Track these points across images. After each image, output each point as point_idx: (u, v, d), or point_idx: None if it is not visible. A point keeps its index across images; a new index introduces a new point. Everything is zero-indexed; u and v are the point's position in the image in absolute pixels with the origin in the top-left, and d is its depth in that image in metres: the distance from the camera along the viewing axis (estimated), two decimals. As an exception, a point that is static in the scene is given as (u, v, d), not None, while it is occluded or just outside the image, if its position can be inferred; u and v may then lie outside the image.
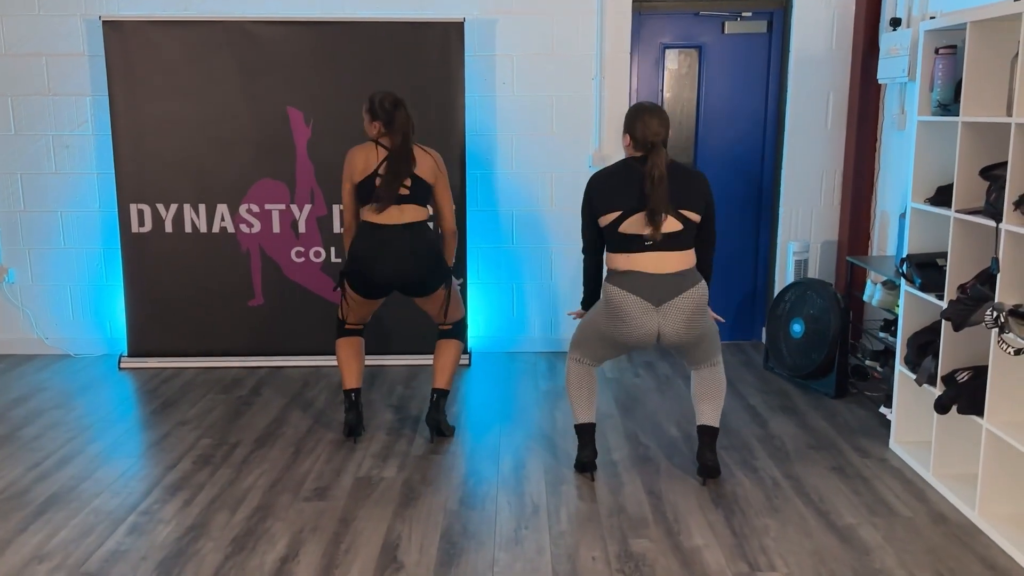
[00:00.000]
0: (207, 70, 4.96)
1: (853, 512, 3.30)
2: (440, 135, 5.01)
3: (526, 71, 5.18)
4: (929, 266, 3.62)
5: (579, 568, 2.90)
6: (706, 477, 3.53)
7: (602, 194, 3.35)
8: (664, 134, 3.33)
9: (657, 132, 3.30)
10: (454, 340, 4.03)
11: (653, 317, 3.28)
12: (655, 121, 3.31)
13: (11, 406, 4.49)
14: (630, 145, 3.37)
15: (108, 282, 5.37)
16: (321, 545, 3.06)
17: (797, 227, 5.37)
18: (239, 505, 3.36)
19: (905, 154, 4.72)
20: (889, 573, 2.87)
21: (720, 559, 2.96)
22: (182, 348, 5.19)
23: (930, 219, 3.69)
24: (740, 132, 5.42)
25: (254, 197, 5.10)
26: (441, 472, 3.68)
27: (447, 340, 4.02)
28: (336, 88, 4.99)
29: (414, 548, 3.04)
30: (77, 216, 5.30)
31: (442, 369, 3.98)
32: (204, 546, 3.05)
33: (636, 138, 3.33)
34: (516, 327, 5.47)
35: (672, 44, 5.34)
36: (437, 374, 3.98)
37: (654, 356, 5.32)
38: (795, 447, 3.93)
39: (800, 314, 4.75)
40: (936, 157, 3.64)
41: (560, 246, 5.37)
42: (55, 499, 3.42)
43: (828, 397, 4.57)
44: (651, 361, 5.24)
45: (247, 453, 3.87)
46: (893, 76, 4.61)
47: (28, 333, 5.44)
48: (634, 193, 3.28)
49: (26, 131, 5.21)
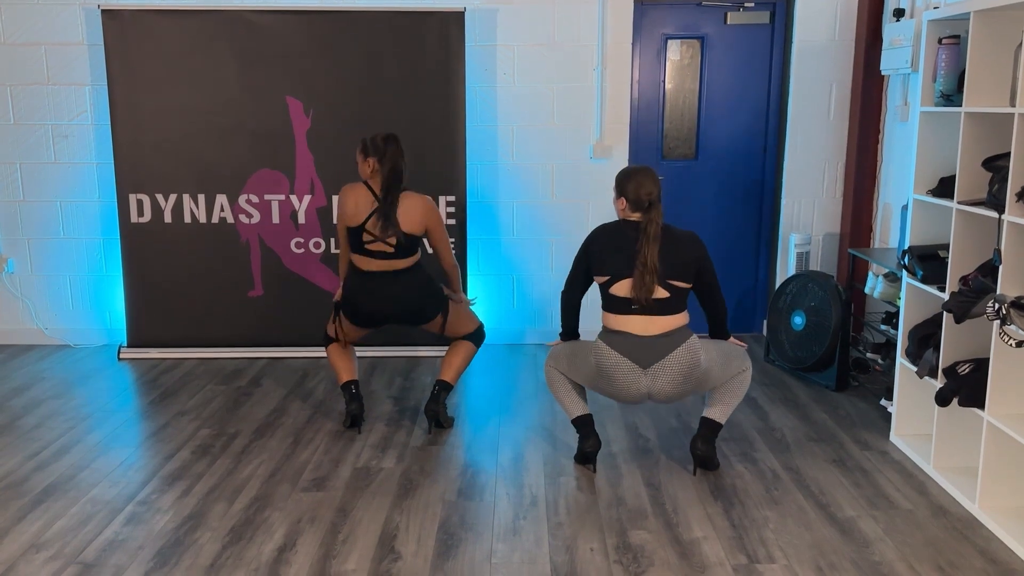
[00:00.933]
0: (206, 59, 4.94)
1: (853, 504, 3.29)
2: (440, 126, 4.99)
3: (527, 61, 5.16)
4: (931, 258, 3.60)
5: (577, 559, 2.90)
6: (697, 467, 3.53)
7: (599, 253, 3.44)
8: (657, 193, 3.37)
9: (651, 191, 3.37)
10: (468, 342, 4.03)
11: (641, 379, 3.34)
12: (648, 181, 3.38)
13: (10, 395, 4.49)
14: (625, 208, 3.41)
15: (108, 272, 5.36)
16: (319, 535, 3.05)
17: (799, 219, 5.35)
18: (237, 495, 3.35)
19: (908, 146, 4.69)
20: (889, 566, 2.86)
21: (719, 551, 2.95)
22: (182, 339, 5.18)
23: (932, 210, 3.67)
24: (742, 123, 5.39)
25: (253, 187, 5.08)
26: (440, 463, 3.67)
27: (462, 341, 4.03)
28: (336, 78, 4.97)
29: (412, 539, 3.04)
30: (76, 206, 5.29)
31: (450, 364, 3.98)
32: (202, 536, 3.04)
33: (630, 199, 3.39)
34: (516, 319, 5.46)
35: (674, 35, 5.31)
36: (444, 368, 3.98)
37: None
38: (795, 439, 3.91)
39: (801, 306, 4.73)
40: (939, 148, 3.62)
41: (560, 238, 5.35)
42: (53, 488, 3.41)
43: (829, 390, 4.56)
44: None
45: (246, 443, 3.86)
46: (896, 67, 4.58)
47: (27, 323, 5.43)
48: (624, 258, 3.35)
49: (25, 121, 5.19)
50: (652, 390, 3.35)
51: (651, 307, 3.32)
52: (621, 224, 3.43)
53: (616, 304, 3.38)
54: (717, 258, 5.52)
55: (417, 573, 2.81)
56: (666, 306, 3.34)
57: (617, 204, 3.45)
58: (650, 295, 3.30)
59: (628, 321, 3.35)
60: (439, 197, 5.08)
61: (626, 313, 3.35)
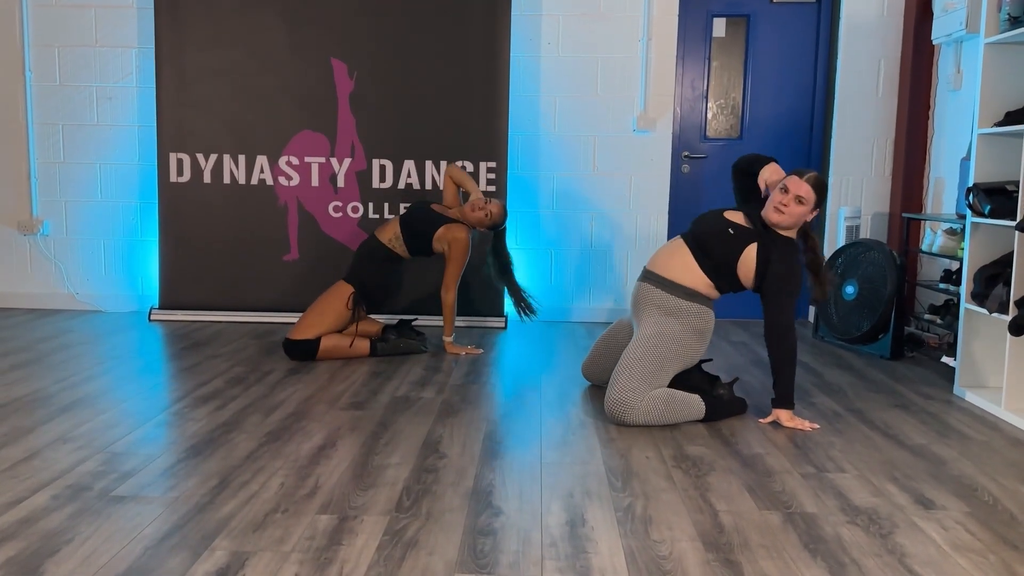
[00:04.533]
0: (254, 20, 4.96)
1: (923, 435, 3.09)
2: (483, 93, 4.95)
3: (572, 31, 5.14)
4: (998, 192, 3.46)
5: (633, 464, 2.72)
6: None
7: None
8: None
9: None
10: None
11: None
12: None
13: (37, 342, 4.39)
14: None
15: (143, 237, 5.30)
16: (360, 439, 2.89)
17: (847, 199, 5.22)
18: (273, 411, 3.21)
19: (961, 116, 4.59)
20: (971, 479, 2.65)
21: (784, 462, 2.76)
22: (214, 302, 5.08)
23: (998, 146, 3.54)
24: (787, 103, 5.32)
25: (294, 149, 5.04)
26: (481, 396, 3.51)
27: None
28: (381, 41, 4.96)
29: (456, 444, 2.87)
30: (115, 168, 5.26)
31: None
32: (237, 437, 2.90)
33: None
34: (554, 295, 5.33)
35: (720, 12, 5.29)
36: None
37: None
38: (854, 392, 3.72)
39: (854, 275, 4.57)
40: (1004, 80, 3.51)
41: (601, 212, 5.25)
42: (81, 401, 3.28)
43: (883, 359, 4.37)
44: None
45: (280, 377, 3.73)
46: (949, 33, 4.51)
47: (59, 288, 5.36)
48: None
49: (70, 82, 5.21)
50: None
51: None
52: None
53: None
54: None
55: (465, 468, 2.64)
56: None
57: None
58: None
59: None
60: (480, 163, 5.01)
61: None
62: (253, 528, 2.16)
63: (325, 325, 4.01)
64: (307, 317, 4.03)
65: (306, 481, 2.49)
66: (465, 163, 5.00)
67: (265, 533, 2.14)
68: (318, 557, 2.02)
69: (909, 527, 2.26)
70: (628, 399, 3.05)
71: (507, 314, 5.14)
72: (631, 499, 2.41)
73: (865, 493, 2.50)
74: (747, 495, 2.46)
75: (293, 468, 2.59)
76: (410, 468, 2.62)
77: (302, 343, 3.97)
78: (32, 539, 2.08)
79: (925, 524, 2.29)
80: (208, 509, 2.27)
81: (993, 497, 2.50)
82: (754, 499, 2.43)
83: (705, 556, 2.07)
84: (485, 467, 2.65)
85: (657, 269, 3.28)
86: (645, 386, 3.07)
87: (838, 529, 2.24)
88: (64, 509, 2.25)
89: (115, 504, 2.29)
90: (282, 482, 2.48)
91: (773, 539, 2.17)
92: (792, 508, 2.37)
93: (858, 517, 2.32)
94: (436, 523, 2.22)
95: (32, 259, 5.35)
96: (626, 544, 2.12)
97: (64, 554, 2.00)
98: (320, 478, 2.52)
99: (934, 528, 2.26)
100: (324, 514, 2.26)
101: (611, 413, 3.08)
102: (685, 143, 5.38)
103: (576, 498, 2.41)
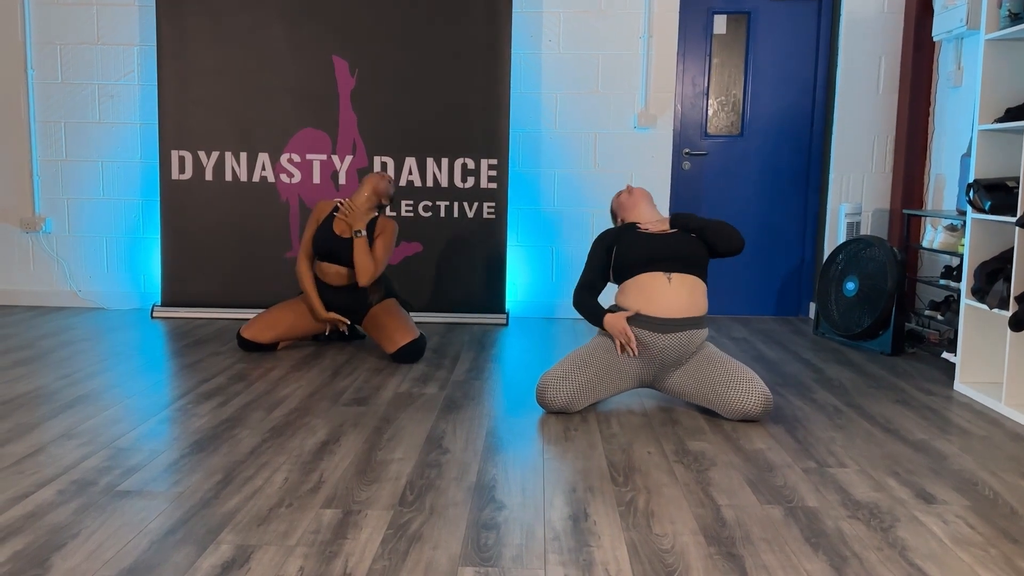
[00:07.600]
0: (254, 17, 4.96)
1: (924, 431, 3.11)
2: (484, 89, 4.96)
3: (573, 28, 5.14)
4: (998, 188, 3.47)
5: (635, 458, 2.73)
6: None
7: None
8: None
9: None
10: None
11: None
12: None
13: (39, 339, 4.40)
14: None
15: (145, 235, 5.31)
16: (363, 435, 2.91)
17: (847, 196, 5.23)
18: (276, 407, 3.22)
19: (961, 112, 4.60)
20: (971, 473, 2.67)
21: (785, 457, 2.78)
22: (216, 299, 5.09)
23: (998, 142, 3.56)
24: (788, 100, 5.33)
25: (295, 146, 5.05)
26: (483, 391, 3.52)
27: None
28: (382, 38, 4.97)
29: (459, 439, 2.89)
30: (118, 166, 5.27)
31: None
32: (240, 432, 2.91)
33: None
34: (554, 292, 5.34)
35: (721, 9, 5.30)
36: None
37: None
38: (854, 387, 3.74)
39: (855, 272, 4.58)
40: (1004, 77, 3.52)
41: (602, 209, 5.26)
42: (85, 397, 3.29)
43: (884, 355, 4.38)
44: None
45: (283, 374, 3.74)
46: (950, 29, 4.52)
47: (60, 285, 5.37)
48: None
49: (72, 80, 5.22)
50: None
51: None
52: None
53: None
54: (761, 237, 5.41)
55: (468, 464, 2.65)
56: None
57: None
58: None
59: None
60: (481, 160, 5.02)
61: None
62: (258, 522, 2.18)
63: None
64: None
65: (310, 476, 2.50)
66: (467, 160, 5.01)
67: (270, 527, 2.15)
68: (323, 551, 2.03)
69: (910, 521, 2.28)
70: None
71: (507, 311, 5.16)
72: (633, 493, 2.43)
73: (866, 487, 2.51)
74: (749, 489, 2.47)
75: (297, 463, 2.61)
76: (413, 463, 2.64)
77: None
78: (39, 533, 2.09)
79: (926, 518, 2.30)
80: (213, 504, 2.29)
81: (993, 491, 2.51)
82: (755, 493, 2.45)
83: (707, 550, 2.08)
84: (488, 462, 2.67)
85: (691, 312, 3.21)
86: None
87: (839, 523, 2.25)
88: (70, 504, 2.27)
89: (120, 499, 2.31)
90: (286, 477, 2.49)
91: (775, 533, 2.19)
92: (793, 502, 2.39)
93: (859, 511, 2.34)
94: (440, 517, 2.23)
95: (34, 256, 5.37)
96: (628, 538, 2.14)
97: (71, 548, 2.02)
98: (324, 473, 2.53)
99: (935, 522, 2.28)
100: (328, 508, 2.27)
101: (768, 407, 3.13)
102: (686, 140, 5.39)
103: (579, 492, 2.43)
